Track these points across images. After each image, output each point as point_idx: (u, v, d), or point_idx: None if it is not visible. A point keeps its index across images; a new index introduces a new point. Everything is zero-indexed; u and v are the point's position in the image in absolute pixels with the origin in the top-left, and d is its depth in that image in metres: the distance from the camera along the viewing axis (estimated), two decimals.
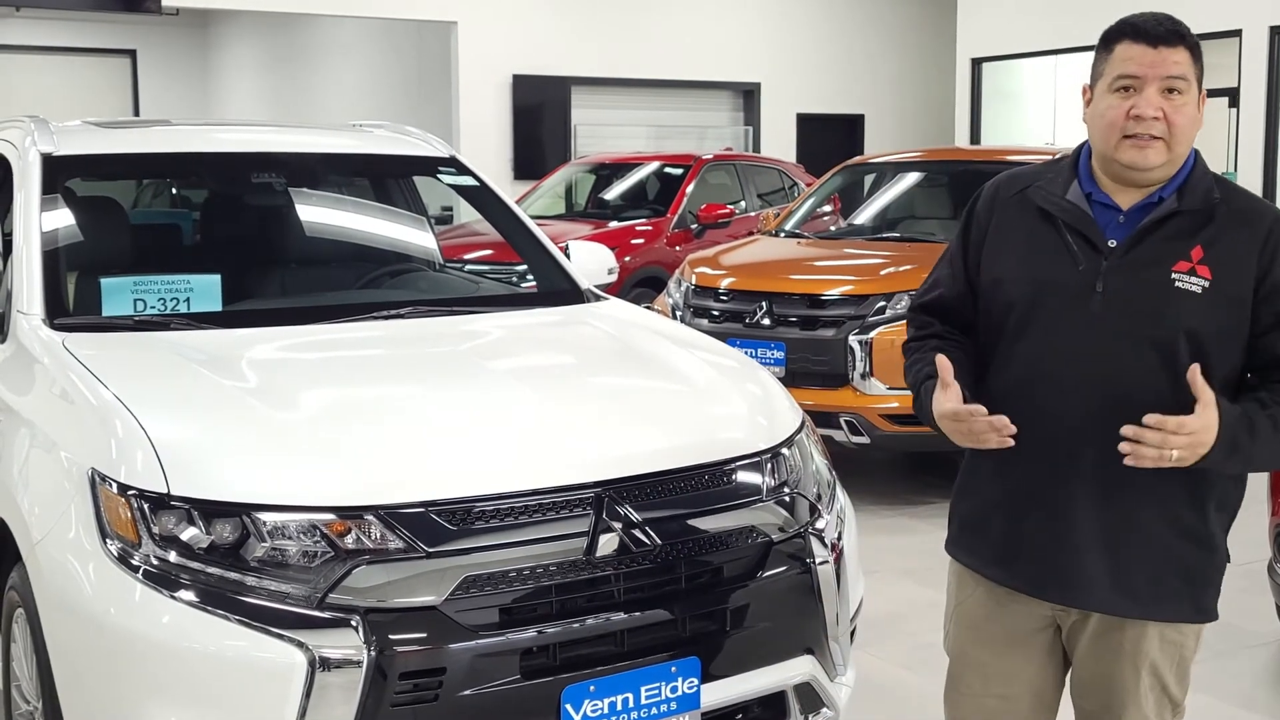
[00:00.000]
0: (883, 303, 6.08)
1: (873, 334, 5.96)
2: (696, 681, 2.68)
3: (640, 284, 9.56)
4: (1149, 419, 2.09)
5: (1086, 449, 2.24)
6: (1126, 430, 2.11)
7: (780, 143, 16.16)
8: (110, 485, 2.55)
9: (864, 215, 8.05)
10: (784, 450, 3.03)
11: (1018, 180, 2.42)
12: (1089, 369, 2.22)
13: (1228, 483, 2.32)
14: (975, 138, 14.91)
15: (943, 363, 2.27)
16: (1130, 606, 2.29)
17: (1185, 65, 2.19)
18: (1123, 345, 2.20)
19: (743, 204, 10.98)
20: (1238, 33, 12.34)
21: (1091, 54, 2.35)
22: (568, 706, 2.55)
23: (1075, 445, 2.25)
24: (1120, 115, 2.20)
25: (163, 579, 2.46)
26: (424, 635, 2.45)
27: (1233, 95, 12.64)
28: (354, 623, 2.41)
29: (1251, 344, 2.24)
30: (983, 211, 2.44)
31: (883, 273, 6.38)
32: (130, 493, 2.52)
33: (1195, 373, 2.11)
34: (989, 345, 2.39)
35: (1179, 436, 2.09)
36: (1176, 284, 2.20)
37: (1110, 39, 2.25)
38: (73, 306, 3.42)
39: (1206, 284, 2.19)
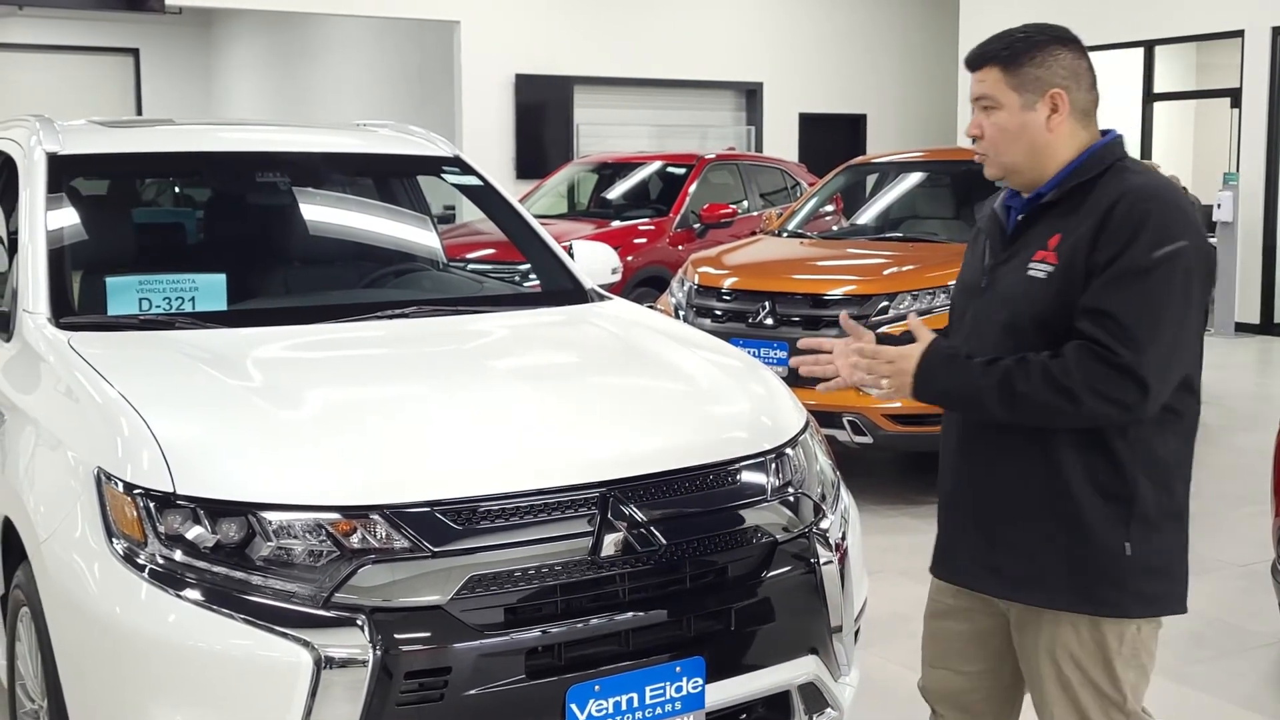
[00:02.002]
0: (885, 303, 6.08)
1: (876, 334, 5.95)
2: (701, 681, 2.68)
3: (643, 283, 9.57)
4: (854, 347, 2.44)
5: (976, 437, 2.41)
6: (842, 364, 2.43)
7: (782, 142, 16.17)
8: (116, 484, 2.55)
9: (866, 215, 8.05)
10: (788, 450, 3.03)
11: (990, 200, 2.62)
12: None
13: (1110, 474, 2.30)
14: None
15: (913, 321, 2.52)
16: (1012, 591, 2.40)
17: (990, 83, 2.39)
18: (994, 333, 2.37)
19: (745, 204, 10.99)
20: (1240, 33, 12.35)
21: (1093, 54, 2.49)
22: (573, 706, 2.55)
23: (968, 435, 2.44)
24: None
25: (168, 578, 2.46)
26: (429, 635, 2.45)
27: (1234, 96, 12.64)
28: (359, 622, 2.42)
29: None
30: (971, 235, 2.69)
31: (885, 273, 6.38)
32: (136, 491, 2.52)
33: (844, 318, 2.55)
34: None
35: (884, 365, 2.38)
36: (1029, 272, 2.35)
37: None
38: (78, 305, 3.42)
39: (1051, 269, 2.31)
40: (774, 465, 2.98)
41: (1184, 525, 2.40)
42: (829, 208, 9.22)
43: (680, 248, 9.91)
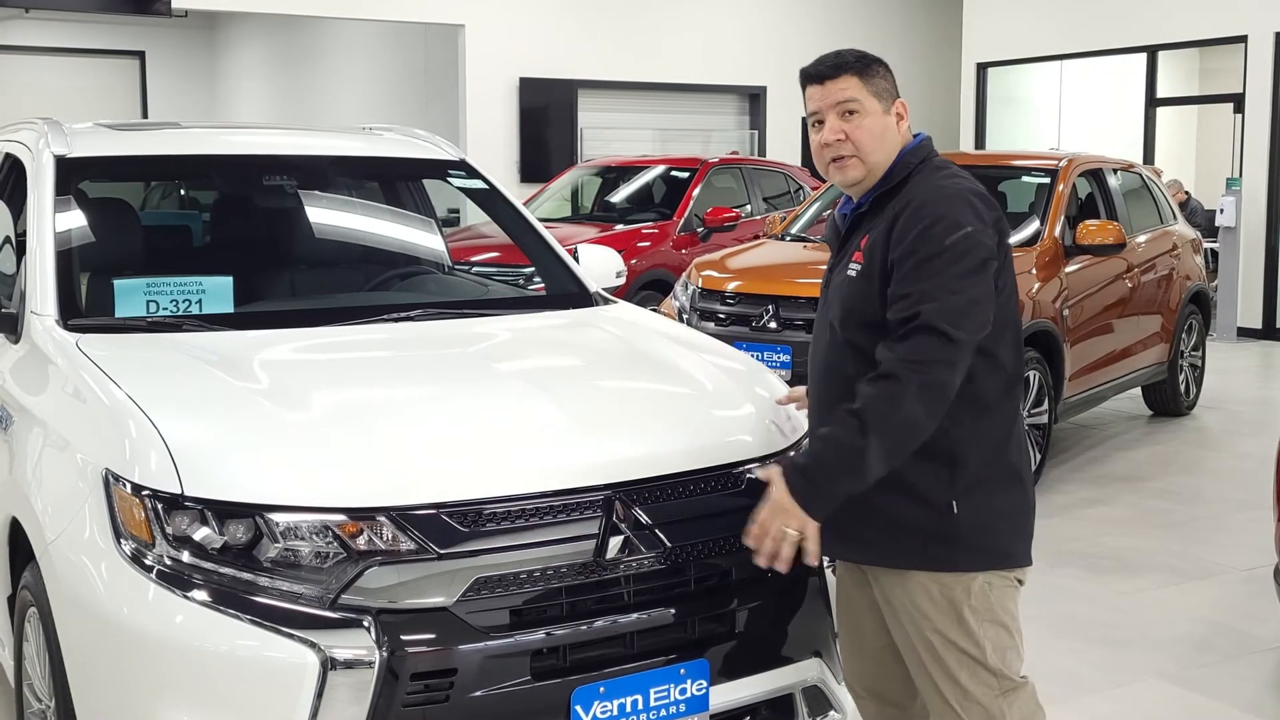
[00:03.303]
0: None
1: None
2: (705, 683, 2.69)
3: (646, 286, 9.58)
4: (748, 541, 2.52)
5: (824, 412, 2.58)
6: (760, 557, 2.50)
7: (785, 146, 16.18)
8: (124, 485, 2.57)
9: None
10: (792, 454, 3.04)
11: None
12: (816, 355, 2.67)
13: (931, 440, 2.43)
14: (980, 142, 14.93)
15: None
16: (865, 554, 2.59)
17: (853, 89, 2.54)
18: (826, 332, 2.63)
19: (748, 207, 11.00)
20: (1243, 39, 12.36)
21: (1097, 59, 2.55)
22: (577, 708, 2.56)
23: (819, 411, 2.64)
24: (818, 146, 2.60)
25: (176, 579, 2.48)
26: (435, 636, 2.46)
27: (1238, 101, 12.65)
28: (366, 623, 2.43)
29: None
30: None
31: None
32: (144, 493, 2.53)
33: (757, 472, 2.69)
34: None
35: (770, 527, 2.45)
36: (848, 272, 2.57)
37: (801, 86, 2.63)
38: (86, 307, 3.44)
39: (859, 268, 2.54)
40: None
41: (1022, 486, 2.56)
42: (831, 212, 9.21)
43: (684, 251, 9.92)
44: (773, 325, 6.34)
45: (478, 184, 4.38)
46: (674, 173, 11.12)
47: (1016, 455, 2.56)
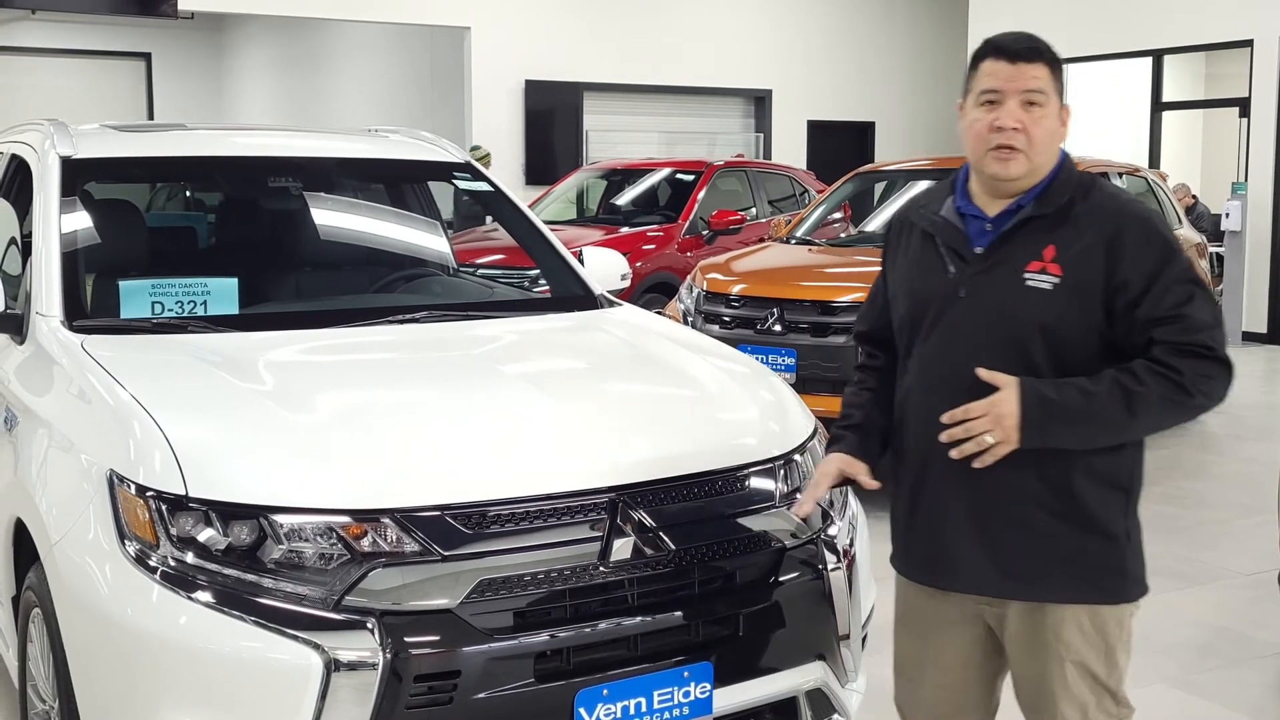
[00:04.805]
0: None
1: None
2: (709, 686, 2.69)
3: (651, 289, 9.58)
4: (944, 417, 2.30)
5: (955, 445, 2.33)
6: (944, 435, 2.30)
7: (791, 149, 16.19)
8: (128, 486, 2.57)
9: (874, 222, 8.06)
10: (796, 457, 3.04)
11: (910, 205, 2.59)
12: (956, 369, 2.34)
13: (1112, 465, 2.35)
14: None
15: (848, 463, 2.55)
16: (1019, 589, 2.38)
17: (1044, 80, 2.33)
18: (983, 344, 2.33)
19: (753, 210, 11.00)
20: (1249, 43, 12.34)
21: (1104, 63, 2.50)
22: (581, 710, 2.56)
23: (946, 442, 2.33)
24: (985, 127, 2.33)
25: (180, 580, 2.48)
26: (439, 638, 2.46)
27: (1243, 105, 12.63)
28: (369, 625, 2.43)
29: (1114, 336, 2.32)
30: (890, 238, 2.63)
31: None
32: (148, 494, 2.54)
33: (981, 373, 2.28)
34: (901, 358, 2.54)
35: (976, 421, 2.26)
36: (1028, 282, 2.32)
37: (977, 57, 2.38)
38: (91, 308, 3.44)
39: (1056, 280, 2.30)
40: (782, 471, 2.99)
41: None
42: (837, 215, 9.22)
43: (689, 254, 9.92)
44: (777, 328, 6.33)
45: (483, 186, 4.38)
46: (679, 175, 11.11)
47: None
